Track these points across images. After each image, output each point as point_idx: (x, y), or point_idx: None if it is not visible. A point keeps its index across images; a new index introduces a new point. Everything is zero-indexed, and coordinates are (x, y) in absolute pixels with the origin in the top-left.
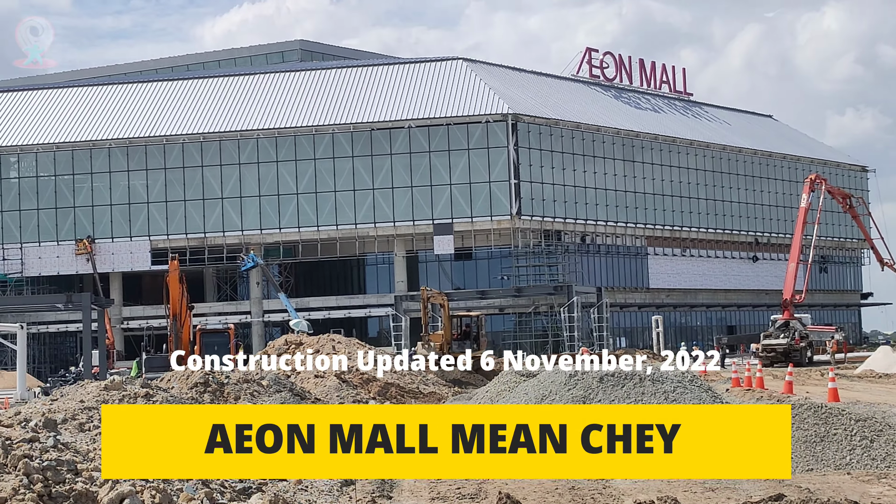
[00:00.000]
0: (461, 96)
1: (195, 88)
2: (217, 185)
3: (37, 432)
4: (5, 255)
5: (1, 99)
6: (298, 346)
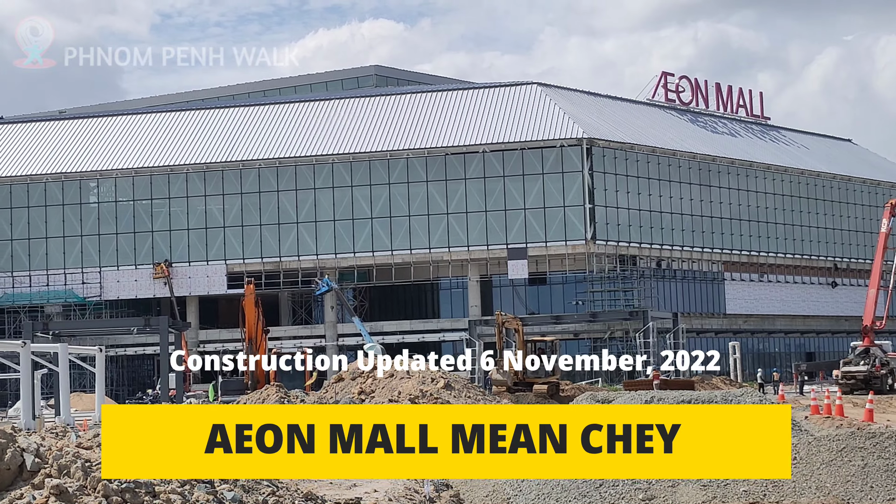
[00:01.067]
0: (536, 121)
1: (271, 114)
2: (292, 209)
3: None
4: (85, 278)
5: (81, 125)
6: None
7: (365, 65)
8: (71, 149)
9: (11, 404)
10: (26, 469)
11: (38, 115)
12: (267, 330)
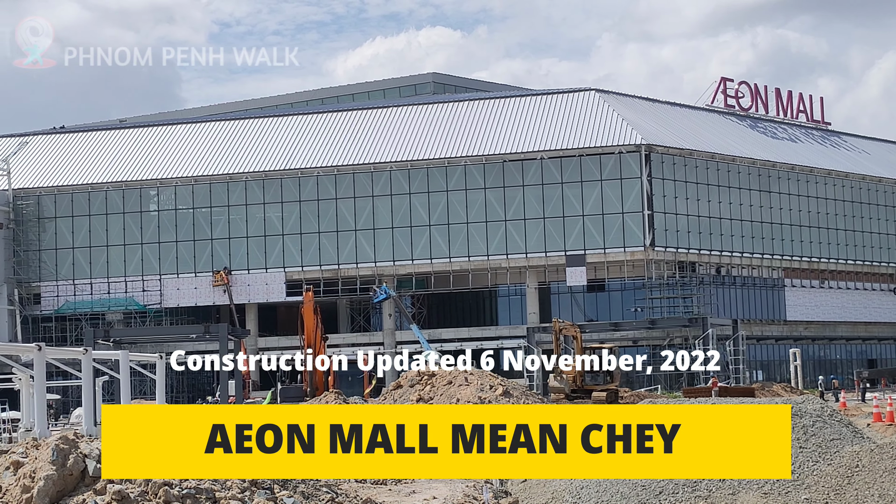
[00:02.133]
0: (594, 127)
1: (329, 122)
2: (351, 216)
3: None
4: (145, 286)
5: (141, 134)
6: (431, 377)
7: (422, 72)
8: (131, 158)
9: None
10: (88, 475)
11: (98, 125)
12: (326, 337)
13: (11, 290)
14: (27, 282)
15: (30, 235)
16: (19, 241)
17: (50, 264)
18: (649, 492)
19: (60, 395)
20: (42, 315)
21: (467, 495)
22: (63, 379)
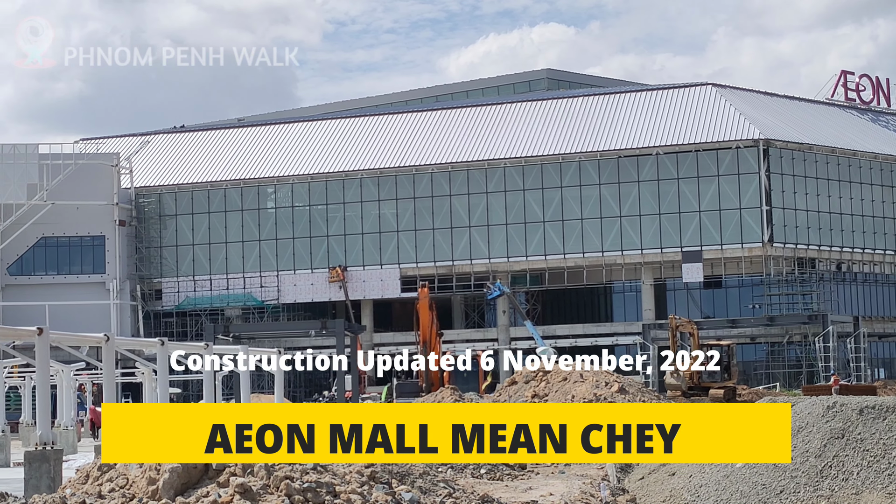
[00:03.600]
0: (710, 122)
1: (444, 119)
2: (465, 213)
3: None
4: (263, 282)
5: (258, 133)
6: (546, 373)
7: (535, 69)
8: (249, 156)
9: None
10: (212, 468)
11: (217, 124)
12: (441, 333)
13: (134, 287)
14: (149, 278)
15: (151, 233)
16: (141, 238)
17: (171, 261)
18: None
19: (181, 389)
20: (163, 311)
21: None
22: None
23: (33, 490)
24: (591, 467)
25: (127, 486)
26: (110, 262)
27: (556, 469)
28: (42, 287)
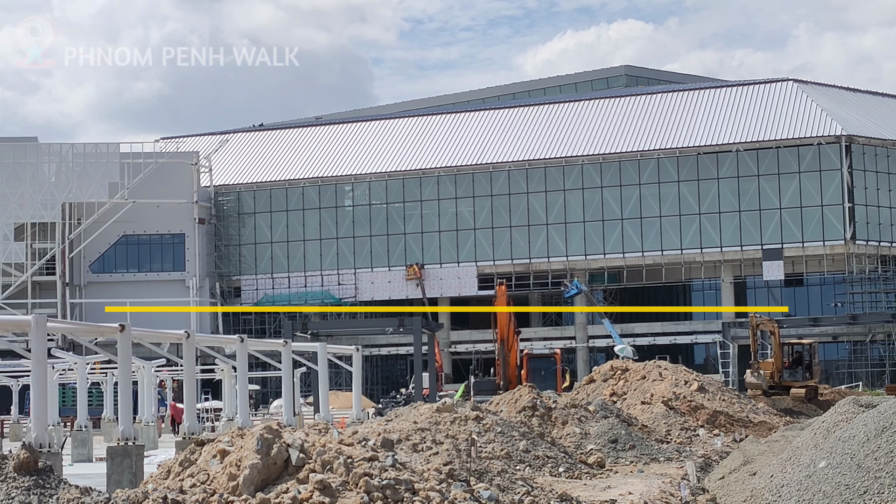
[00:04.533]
0: (791, 118)
1: (521, 116)
2: (542, 210)
3: (375, 451)
4: (340, 280)
5: (335, 131)
6: (624, 372)
7: (612, 65)
8: (326, 154)
9: (272, 401)
10: (291, 464)
11: (294, 122)
12: (518, 331)
13: (213, 284)
14: (228, 275)
15: (230, 231)
16: (220, 236)
17: (249, 258)
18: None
19: (259, 385)
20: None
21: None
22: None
23: (115, 485)
24: (671, 466)
25: (208, 481)
26: (190, 259)
27: (634, 468)
28: (123, 284)
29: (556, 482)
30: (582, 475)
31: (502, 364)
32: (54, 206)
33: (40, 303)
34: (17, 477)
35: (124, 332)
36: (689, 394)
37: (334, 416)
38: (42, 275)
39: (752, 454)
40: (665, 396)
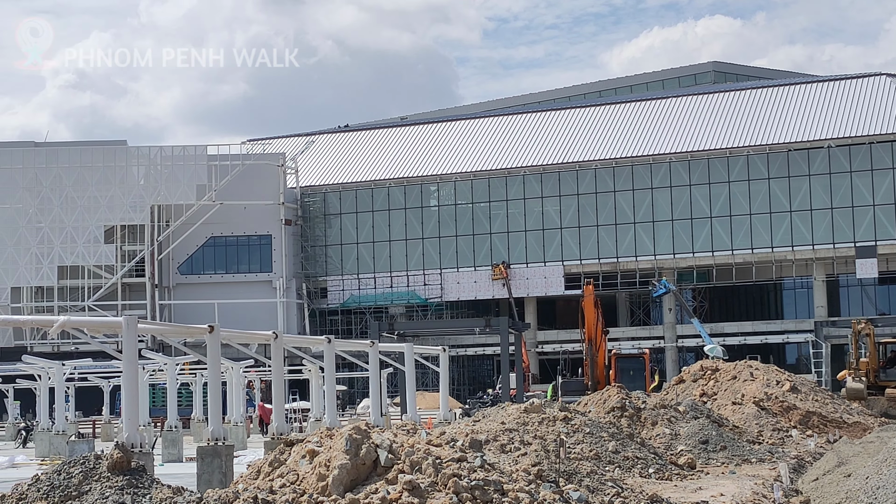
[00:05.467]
0: (885, 113)
1: (607, 114)
2: (629, 209)
3: (464, 452)
4: (426, 280)
5: (420, 131)
6: (714, 372)
7: (699, 62)
8: (412, 154)
9: (359, 401)
10: (380, 464)
11: (379, 123)
12: (606, 331)
13: (300, 285)
14: (314, 276)
15: (316, 231)
16: (307, 237)
17: (335, 259)
18: None
19: (346, 386)
20: (328, 308)
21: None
22: (349, 370)
23: (205, 485)
24: (763, 467)
25: (297, 481)
26: (277, 260)
27: (726, 469)
28: (211, 286)
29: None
30: (672, 476)
31: (590, 364)
32: (143, 208)
33: (130, 304)
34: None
35: (213, 333)
36: (782, 394)
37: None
38: (131, 277)
39: (847, 455)
40: (756, 397)
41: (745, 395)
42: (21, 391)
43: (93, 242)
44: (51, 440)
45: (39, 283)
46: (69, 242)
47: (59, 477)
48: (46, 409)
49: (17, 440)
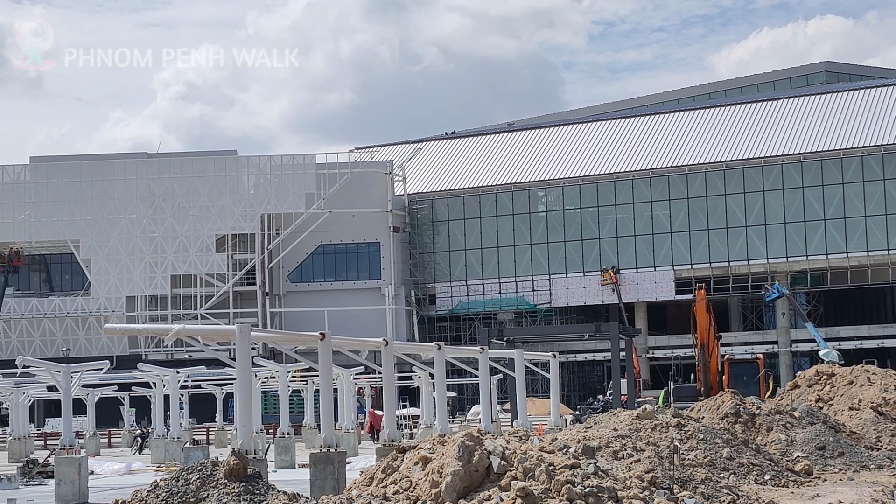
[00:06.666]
0: None
1: (716, 116)
2: (741, 212)
3: (577, 459)
4: (535, 286)
5: (527, 136)
6: (830, 377)
7: (809, 62)
8: (519, 160)
9: (469, 408)
10: (493, 471)
11: (486, 129)
12: (719, 336)
13: (408, 292)
14: (423, 283)
15: (424, 238)
16: (415, 244)
17: (443, 266)
18: None
19: (455, 392)
20: (437, 315)
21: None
22: (458, 377)
23: (318, 491)
24: (882, 474)
25: (410, 488)
26: (385, 268)
27: (843, 476)
28: (320, 293)
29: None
30: (788, 483)
31: (703, 370)
32: (253, 217)
33: (241, 312)
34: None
35: (325, 341)
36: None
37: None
38: (242, 285)
39: None
40: (874, 402)
41: (862, 400)
42: (136, 398)
43: (204, 251)
44: (166, 447)
45: (153, 292)
46: (181, 252)
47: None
48: (161, 416)
49: (133, 447)
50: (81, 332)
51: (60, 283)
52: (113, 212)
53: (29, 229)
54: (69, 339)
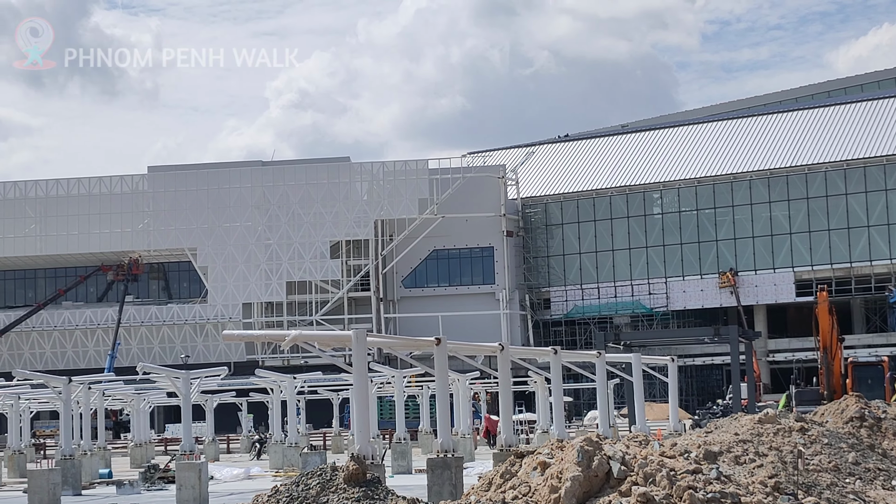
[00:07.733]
0: None
1: (836, 115)
2: (862, 212)
3: (698, 464)
4: (651, 289)
5: (641, 138)
6: None
7: None
8: (633, 162)
9: (586, 413)
10: (613, 476)
11: (600, 131)
12: (842, 338)
13: (523, 296)
14: (537, 287)
15: (538, 242)
16: (529, 248)
17: (558, 270)
18: None
19: (571, 397)
20: (552, 319)
21: None
22: (574, 382)
23: (436, 496)
24: None
25: (529, 493)
26: (499, 272)
27: None
28: (434, 298)
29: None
30: None
31: (825, 373)
32: (367, 223)
33: (356, 318)
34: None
35: (440, 346)
36: None
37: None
38: (357, 291)
39: None
40: None
41: None
42: (254, 404)
43: (319, 258)
44: (284, 452)
45: (269, 299)
46: (296, 258)
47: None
48: (279, 421)
49: (252, 452)
50: (199, 338)
51: (178, 291)
52: (229, 219)
53: (147, 238)
54: (187, 346)
